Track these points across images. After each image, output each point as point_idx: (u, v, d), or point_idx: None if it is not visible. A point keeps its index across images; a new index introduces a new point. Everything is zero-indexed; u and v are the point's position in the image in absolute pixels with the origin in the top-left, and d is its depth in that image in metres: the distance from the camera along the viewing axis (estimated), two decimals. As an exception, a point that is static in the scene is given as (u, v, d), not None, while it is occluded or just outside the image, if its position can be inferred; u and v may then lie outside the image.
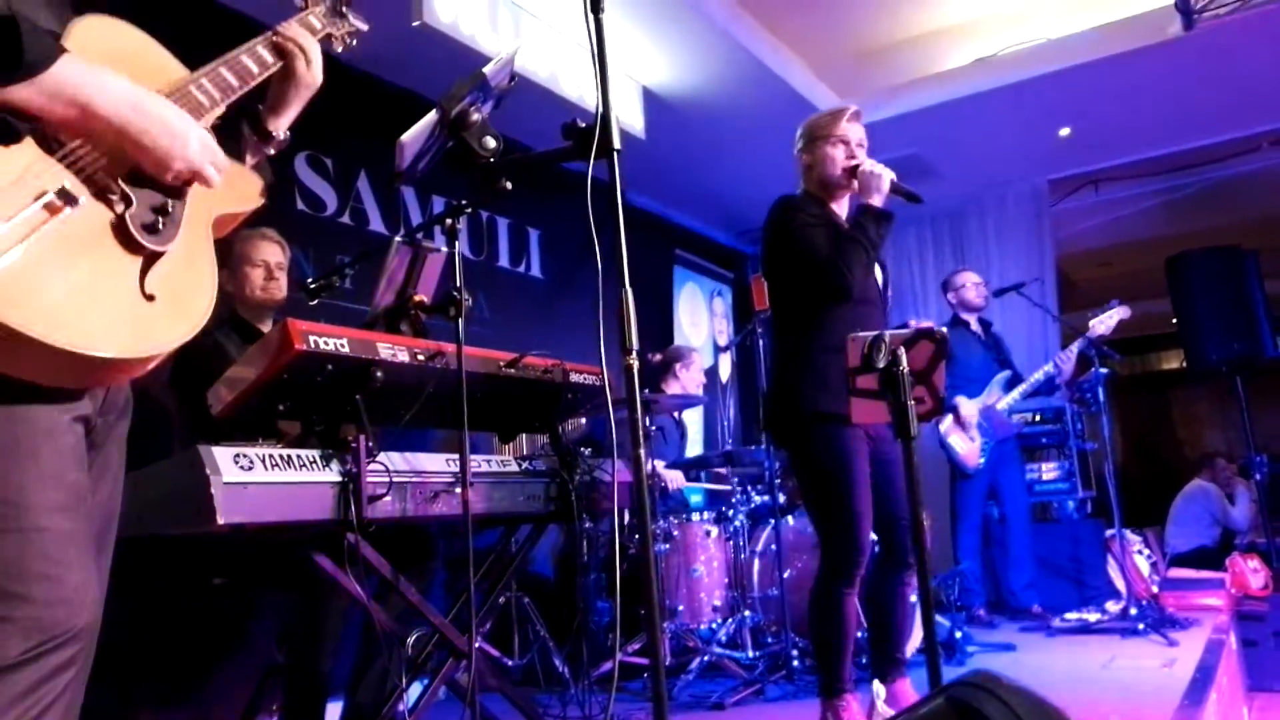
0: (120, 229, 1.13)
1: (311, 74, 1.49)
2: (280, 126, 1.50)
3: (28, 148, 1.07)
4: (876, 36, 5.45)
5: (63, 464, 1.11)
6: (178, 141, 1.17)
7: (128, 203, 1.14)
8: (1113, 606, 4.72)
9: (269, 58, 1.42)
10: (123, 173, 1.15)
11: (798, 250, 2.76)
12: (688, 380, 4.87)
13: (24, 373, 1.04)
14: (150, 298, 1.14)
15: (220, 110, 1.33)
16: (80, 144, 1.12)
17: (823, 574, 2.72)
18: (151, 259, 1.16)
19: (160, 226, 1.17)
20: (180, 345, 1.18)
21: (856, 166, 2.79)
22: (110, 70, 1.12)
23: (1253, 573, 5.51)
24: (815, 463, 2.71)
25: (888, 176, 2.76)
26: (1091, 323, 4.75)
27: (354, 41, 1.65)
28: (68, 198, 1.08)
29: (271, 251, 2.87)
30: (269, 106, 1.50)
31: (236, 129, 1.44)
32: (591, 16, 1.58)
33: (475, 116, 1.69)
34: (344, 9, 1.65)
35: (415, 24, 3.81)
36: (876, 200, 2.74)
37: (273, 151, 1.51)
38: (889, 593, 2.83)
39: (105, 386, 1.21)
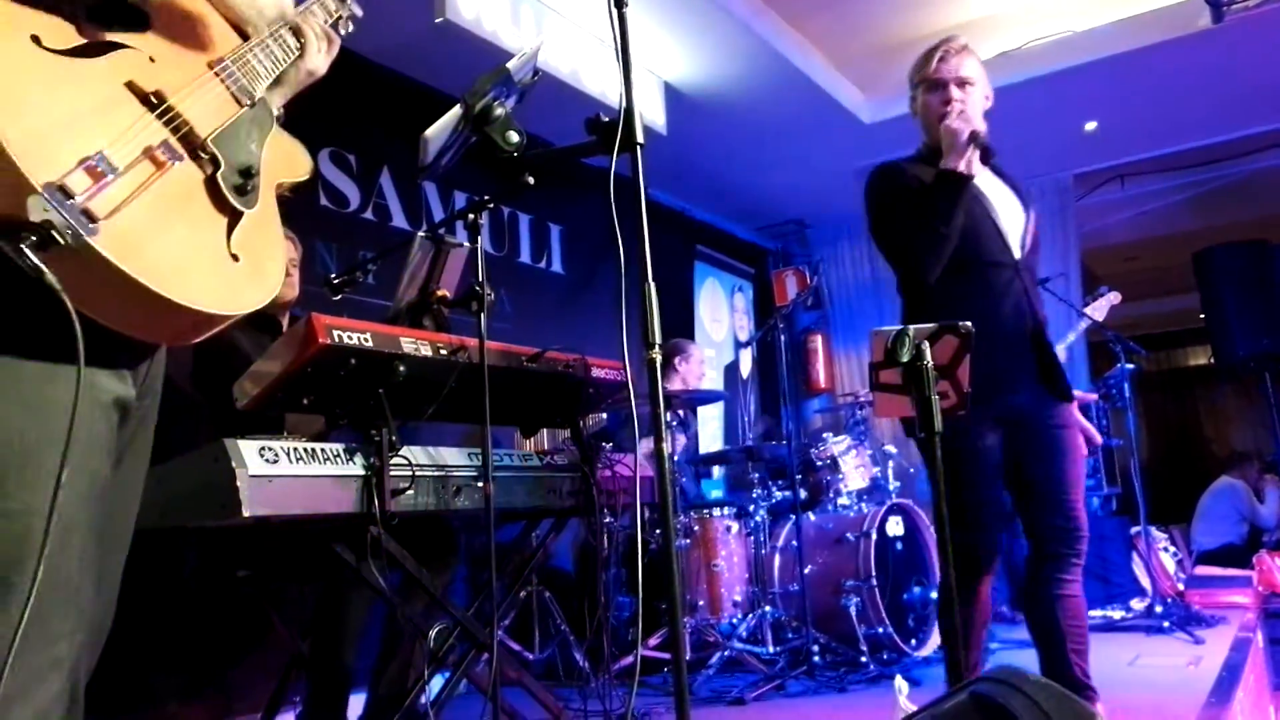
0: (212, 187, 1.17)
1: (321, 60, 1.49)
2: (277, 102, 1.50)
3: (130, 102, 1.10)
4: (900, 31, 5.41)
5: (92, 453, 1.10)
6: None
7: (216, 164, 1.17)
8: (1138, 604, 4.69)
9: (292, 41, 1.43)
10: (211, 132, 1.18)
11: (876, 239, 2.51)
12: (688, 374, 4.84)
13: (115, 320, 1.05)
14: (235, 258, 1.17)
15: (272, 80, 1.37)
16: (179, 100, 1.15)
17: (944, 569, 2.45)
18: (234, 220, 1.18)
19: (248, 189, 1.21)
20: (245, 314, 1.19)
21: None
22: None
23: (1280, 571, 5.45)
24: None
25: (967, 130, 2.35)
26: (1086, 310, 4.68)
27: (352, 26, 1.66)
28: (172, 152, 1.11)
29: (287, 248, 2.89)
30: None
31: None
32: (615, 12, 1.58)
33: (499, 112, 1.69)
34: None
35: (438, 20, 3.82)
36: (953, 160, 2.34)
37: None
38: (1041, 599, 2.36)
39: (172, 344, 1.23)
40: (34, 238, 0.92)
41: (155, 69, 1.15)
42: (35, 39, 1.02)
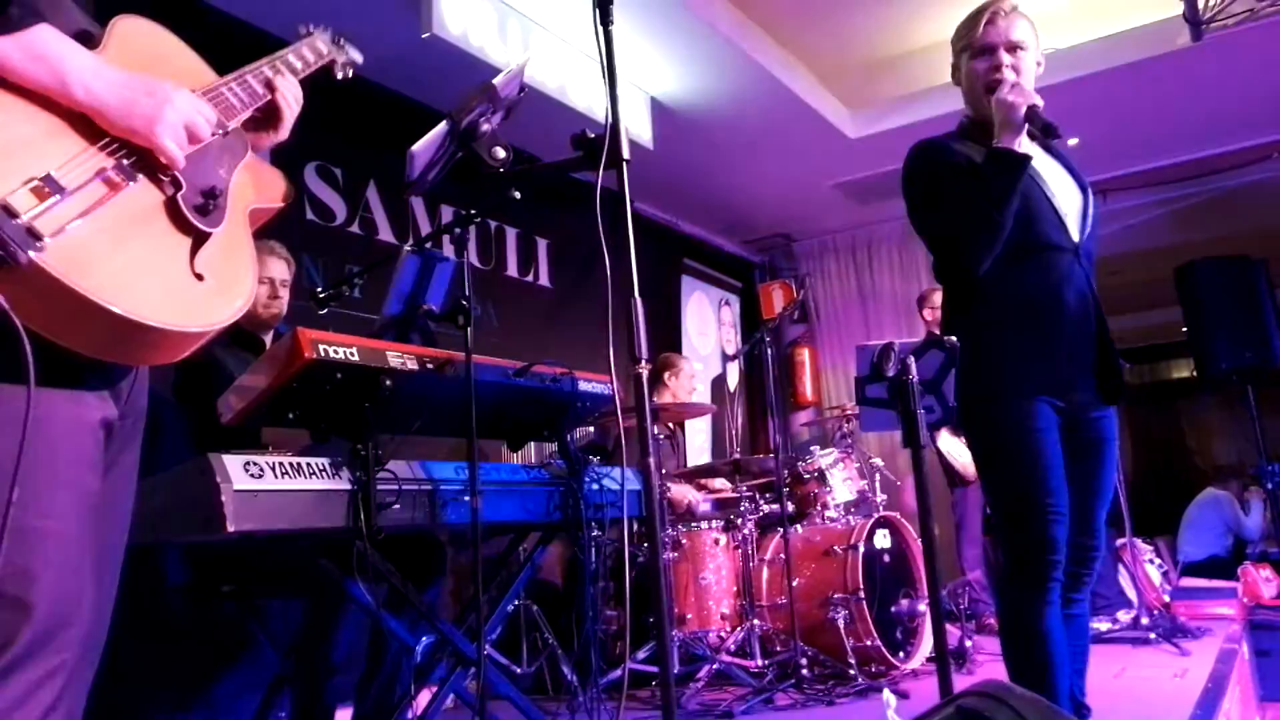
0: (172, 209, 1.18)
1: (281, 130, 1.49)
2: (262, 145, 1.52)
3: (88, 128, 1.12)
4: (884, 47, 5.46)
5: (79, 466, 1.11)
6: (149, 109, 1.16)
7: (177, 186, 1.19)
8: (1124, 616, 4.70)
9: (260, 89, 1.44)
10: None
11: (916, 223, 2.27)
12: (678, 389, 4.85)
13: (76, 342, 1.06)
14: (200, 277, 1.18)
15: (249, 113, 1.39)
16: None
17: (1003, 581, 2.25)
18: (200, 240, 1.20)
19: (210, 209, 1.22)
20: (219, 329, 1.20)
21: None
22: (83, 50, 1.14)
23: (1265, 582, 5.48)
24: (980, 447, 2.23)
25: (1024, 104, 2.11)
26: None
27: (351, 73, 1.69)
28: (126, 174, 1.13)
29: (278, 268, 2.89)
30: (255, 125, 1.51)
31: None
32: (601, 28, 1.59)
33: (485, 127, 1.70)
34: (342, 41, 1.69)
35: (425, 35, 3.83)
36: (1008, 138, 2.10)
37: None
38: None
39: (147, 365, 1.24)
40: None
41: None
42: None
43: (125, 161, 1.14)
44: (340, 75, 1.69)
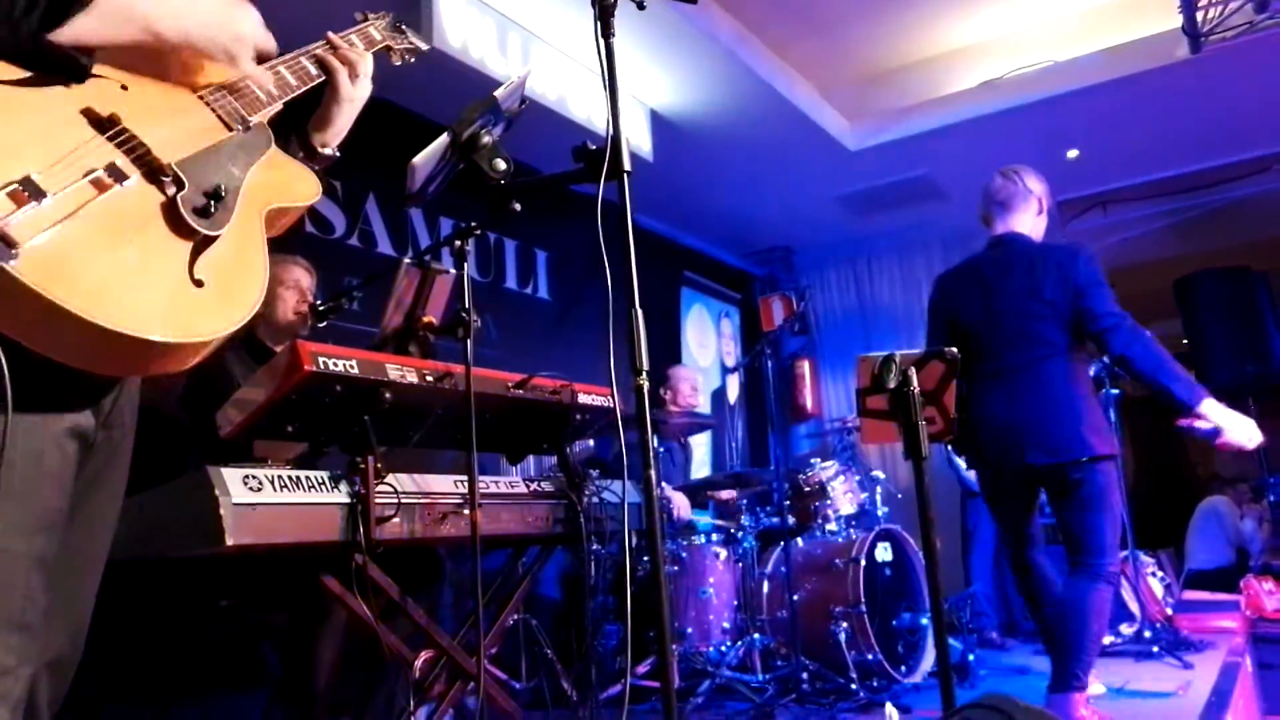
0: (171, 211, 1.10)
1: (357, 88, 1.49)
2: (328, 142, 1.50)
3: (80, 126, 1.07)
4: (883, 60, 5.48)
5: (37, 483, 1.06)
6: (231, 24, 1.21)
7: (179, 185, 1.12)
8: (1127, 629, 4.68)
9: (313, 70, 1.43)
10: (178, 150, 1.15)
11: None
12: (676, 397, 4.85)
13: (59, 353, 1.00)
14: (199, 283, 1.10)
15: (277, 108, 1.35)
16: (136, 124, 1.11)
17: None
18: (202, 244, 1.12)
19: (212, 210, 1.14)
20: (221, 338, 1.14)
21: None
22: None
23: (1268, 595, 5.46)
24: None
25: None
26: None
27: (412, 59, 1.67)
28: (117, 174, 1.06)
29: (304, 276, 2.89)
30: (315, 121, 1.50)
31: (285, 143, 1.42)
32: (602, 41, 1.59)
33: (486, 139, 1.70)
34: (403, 26, 1.67)
35: (425, 48, 3.83)
36: None
37: (318, 167, 1.48)
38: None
39: (140, 376, 1.19)
40: None
41: (123, 95, 1.14)
42: None
43: (125, 159, 1.08)
44: (398, 61, 1.66)
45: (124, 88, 1.15)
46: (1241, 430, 2.70)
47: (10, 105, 1.02)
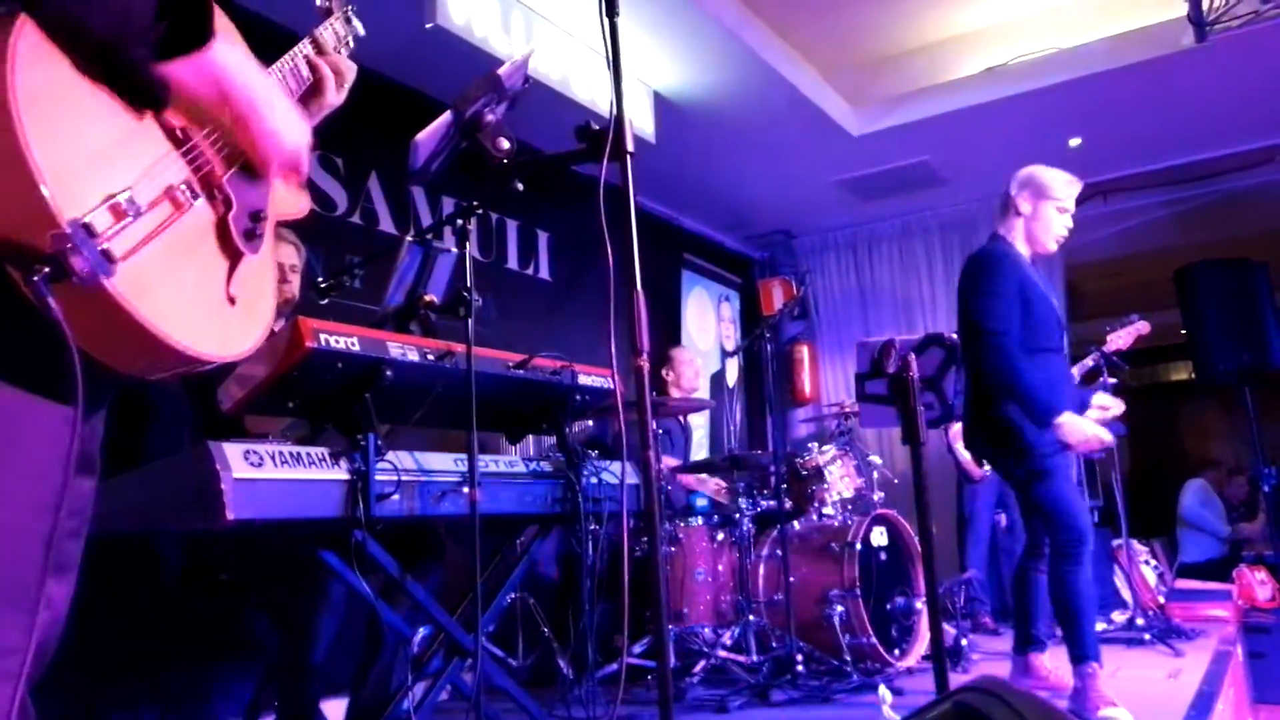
0: (221, 230, 1.13)
1: (340, 97, 1.50)
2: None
3: (158, 140, 1.07)
4: (887, 44, 5.46)
5: (54, 465, 1.05)
6: (290, 130, 1.18)
7: (228, 205, 1.14)
8: (1119, 616, 4.71)
9: (305, 72, 1.43)
10: (227, 172, 1.16)
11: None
12: (679, 379, 4.85)
13: (116, 360, 1.01)
14: (232, 300, 1.13)
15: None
16: (203, 137, 1.12)
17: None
18: (237, 262, 1.15)
19: (257, 233, 1.18)
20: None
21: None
22: (239, 52, 1.12)
23: (1260, 584, 5.50)
24: None
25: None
26: (1109, 336, 4.70)
27: (353, 45, 1.67)
28: (192, 192, 1.08)
29: (287, 253, 2.88)
30: None
31: None
32: (606, 21, 1.58)
33: (489, 118, 1.70)
34: (350, 16, 1.67)
35: (428, 26, 3.82)
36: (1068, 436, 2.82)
37: None
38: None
39: (149, 377, 1.17)
40: (47, 270, 0.89)
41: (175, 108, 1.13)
42: (76, 64, 0.98)
43: (195, 176, 1.09)
44: (343, 52, 1.66)
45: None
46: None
47: (101, 106, 1.01)
